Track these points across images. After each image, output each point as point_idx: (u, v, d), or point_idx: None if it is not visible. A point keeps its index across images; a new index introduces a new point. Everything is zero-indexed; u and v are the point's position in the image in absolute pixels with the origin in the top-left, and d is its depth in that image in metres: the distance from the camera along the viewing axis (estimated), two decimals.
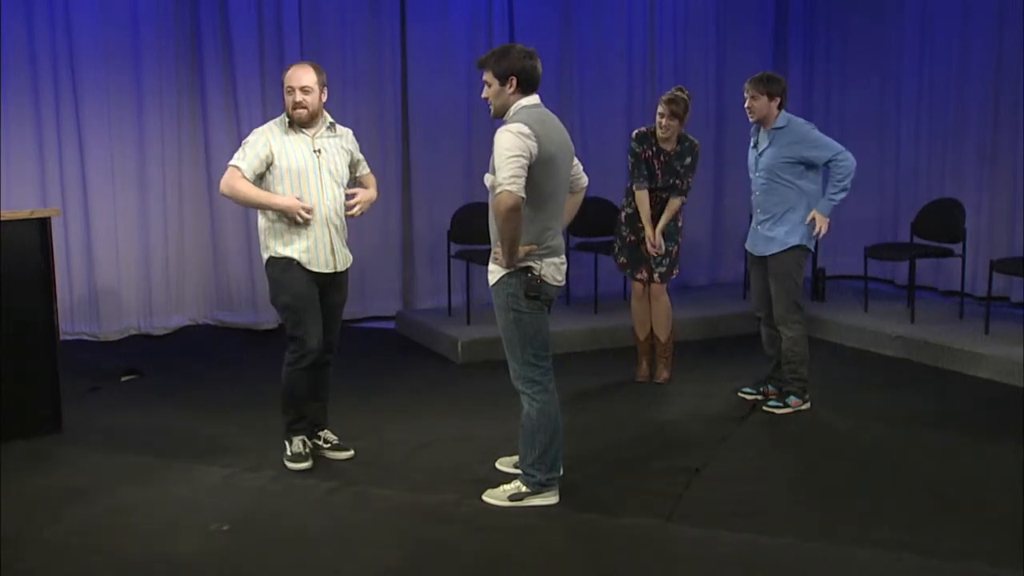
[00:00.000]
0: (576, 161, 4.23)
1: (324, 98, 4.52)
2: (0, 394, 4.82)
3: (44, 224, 4.97)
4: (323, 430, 4.78)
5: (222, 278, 7.42)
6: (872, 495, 4.30)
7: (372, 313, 7.82)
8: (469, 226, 7.07)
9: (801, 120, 5.36)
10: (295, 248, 4.46)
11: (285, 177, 4.44)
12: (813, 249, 5.28)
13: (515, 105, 3.97)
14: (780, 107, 5.29)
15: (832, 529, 3.93)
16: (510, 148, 3.82)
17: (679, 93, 5.73)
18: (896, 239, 8.09)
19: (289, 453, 4.60)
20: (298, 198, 4.42)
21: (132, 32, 7.02)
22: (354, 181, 4.76)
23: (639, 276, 5.94)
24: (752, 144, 5.45)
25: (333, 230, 4.51)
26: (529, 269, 3.99)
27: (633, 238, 5.88)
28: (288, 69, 4.53)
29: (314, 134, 4.51)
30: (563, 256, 4.14)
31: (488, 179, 3.94)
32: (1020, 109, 7.25)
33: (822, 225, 5.23)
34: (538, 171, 3.89)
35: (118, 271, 7.16)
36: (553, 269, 4.06)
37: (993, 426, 5.20)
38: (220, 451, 4.69)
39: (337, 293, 4.64)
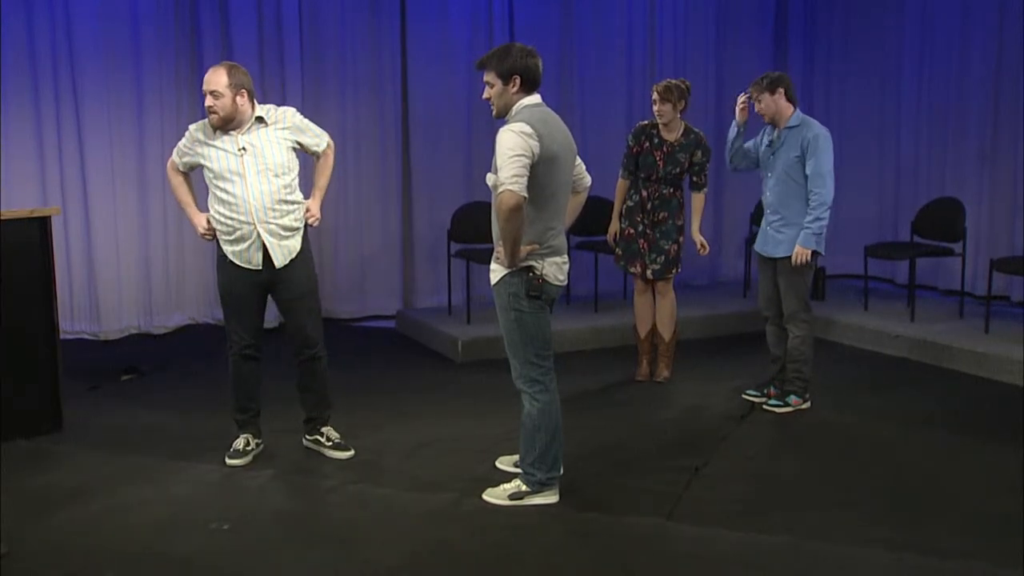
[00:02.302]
0: (579, 161, 4.22)
1: (242, 100, 4.38)
2: (0, 393, 4.82)
3: (44, 223, 4.97)
4: (325, 426, 4.77)
5: None
6: (872, 494, 4.30)
7: (372, 312, 7.82)
8: (469, 225, 7.07)
9: (817, 123, 5.27)
10: (227, 243, 4.50)
11: (213, 179, 4.46)
12: (823, 251, 5.25)
13: (517, 104, 3.96)
14: (789, 100, 5.25)
15: (832, 528, 3.93)
16: (512, 148, 3.81)
17: (674, 80, 5.76)
18: (896, 238, 8.09)
19: (230, 448, 4.66)
20: (214, 221, 4.47)
21: (132, 31, 7.02)
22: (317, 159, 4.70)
23: (632, 270, 5.94)
24: (767, 143, 5.41)
25: (264, 229, 4.44)
26: (531, 269, 3.98)
27: (632, 231, 5.88)
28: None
29: (241, 132, 4.44)
30: (565, 256, 4.13)
31: (490, 179, 3.92)
32: (1020, 108, 7.25)
33: (800, 257, 5.18)
34: (541, 170, 3.88)
35: (118, 270, 7.16)
36: (555, 268, 4.06)
37: (993, 426, 5.19)
38: (220, 450, 4.68)
39: (286, 289, 4.56)
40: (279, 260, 4.49)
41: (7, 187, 6.71)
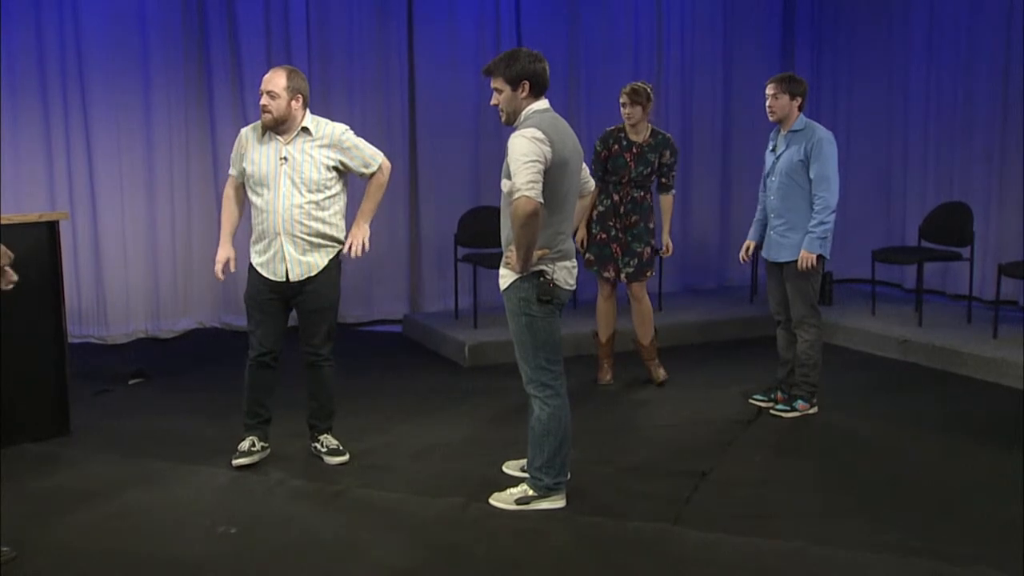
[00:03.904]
0: (584, 165, 4.23)
1: (297, 104, 4.43)
2: (8, 397, 4.83)
3: (52, 227, 4.99)
4: (323, 434, 4.78)
5: (229, 281, 7.33)
6: (880, 499, 4.29)
7: (379, 316, 7.83)
8: (476, 230, 7.08)
9: (821, 128, 5.28)
10: (256, 253, 4.56)
11: (252, 184, 4.52)
12: (828, 255, 5.25)
13: (526, 110, 3.96)
14: (800, 108, 5.27)
15: (839, 533, 3.92)
16: (526, 153, 3.80)
17: (639, 83, 5.84)
18: (904, 243, 8.07)
19: (236, 449, 4.68)
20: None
21: (140, 37, 7.05)
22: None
23: (605, 274, 5.94)
24: (770, 148, 5.41)
25: (288, 240, 4.46)
26: (541, 273, 3.98)
27: (604, 236, 5.89)
28: None
29: (286, 140, 4.47)
30: (574, 260, 4.13)
31: (505, 184, 3.92)
32: None
33: (806, 261, 5.18)
34: (552, 176, 3.88)
35: (126, 274, 7.19)
36: (565, 273, 4.06)
37: (1001, 431, 5.18)
38: (228, 454, 4.68)
39: (308, 299, 4.57)
40: (295, 273, 4.51)
41: (17, 192, 6.74)
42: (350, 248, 4.60)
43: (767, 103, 5.28)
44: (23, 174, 6.86)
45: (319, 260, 4.54)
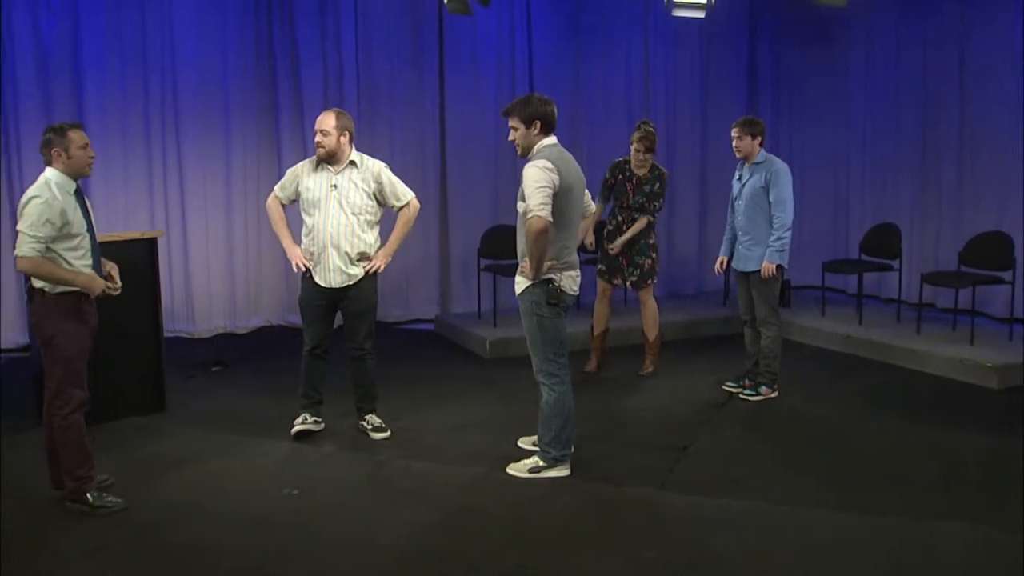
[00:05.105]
0: (586, 191, 4.22)
1: (345, 140, 4.44)
2: (119, 379, 4.91)
3: (152, 243, 5.06)
4: (368, 414, 4.77)
5: (291, 287, 7.43)
6: (827, 467, 4.28)
7: (414, 316, 7.82)
8: (496, 244, 7.07)
9: (778, 160, 5.28)
10: (312, 263, 4.54)
11: (306, 206, 4.53)
12: (786, 265, 5.24)
13: (538, 144, 3.96)
14: (761, 145, 5.26)
15: (795, 495, 3.91)
16: (538, 180, 3.82)
17: (648, 128, 5.71)
18: (848, 256, 8.04)
19: (293, 424, 4.69)
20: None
21: (222, 89, 7.07)
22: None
23: (616, 282, 5.91)
24: (737, 177, 5.41)
25: (334, 251, 4.47)
26: (550, 281, 3.98)
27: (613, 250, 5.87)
28: None
29: (336, 170, 4.49)
30: (578, 270, 4.13)
31: (520, 206, 3.93)
32: (945, 151, 7.25)
33: (767, 271, 5.17)
34: (559, 199, 3.89)
35: (209, 281, 7.21)
36: (570, 281, 4.05)
37: (922, 409, 5.18)
38: (290, 429, 4.70)
39: (350, 303, 4.57)
40: (337, 281, 4.51)
41: (126, 214, 6.82)
42: (373, 263, 4.57)
43: (733, 144, 5.28)
44: (131, 201, 6.91)
45: (358, 272, 4.55)
